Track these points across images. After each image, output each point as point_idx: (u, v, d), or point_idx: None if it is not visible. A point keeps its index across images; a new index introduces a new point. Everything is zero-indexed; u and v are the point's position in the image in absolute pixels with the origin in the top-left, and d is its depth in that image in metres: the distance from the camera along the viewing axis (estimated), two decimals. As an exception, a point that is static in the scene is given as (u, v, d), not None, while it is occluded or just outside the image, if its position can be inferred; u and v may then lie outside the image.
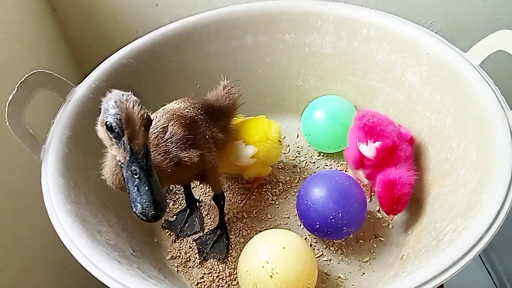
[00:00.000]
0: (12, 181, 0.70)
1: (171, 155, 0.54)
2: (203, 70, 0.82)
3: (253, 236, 0.64)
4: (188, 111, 0.61)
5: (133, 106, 0.43)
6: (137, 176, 0.41)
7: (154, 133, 0.55)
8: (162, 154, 0.54)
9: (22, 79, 0.58)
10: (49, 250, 0.80)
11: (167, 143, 0.55)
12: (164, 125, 0.56)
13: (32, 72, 0.60)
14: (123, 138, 0.43)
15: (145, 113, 0.44)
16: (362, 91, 0.80)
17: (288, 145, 0.86)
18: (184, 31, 0.78)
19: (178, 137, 0.56)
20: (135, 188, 0.41)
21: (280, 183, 0.80)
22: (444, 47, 0.66)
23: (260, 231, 0.73)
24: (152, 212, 0.41)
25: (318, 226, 0.64)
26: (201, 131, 0.61)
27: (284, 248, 0.58)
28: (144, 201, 0.41)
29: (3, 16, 0.73)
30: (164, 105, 0.63)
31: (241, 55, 0.83)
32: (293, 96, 0.87)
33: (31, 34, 0.83)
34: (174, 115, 0.58)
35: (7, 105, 0.55)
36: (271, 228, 0.73)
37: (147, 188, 0.41)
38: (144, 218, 0.42)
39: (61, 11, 0.94)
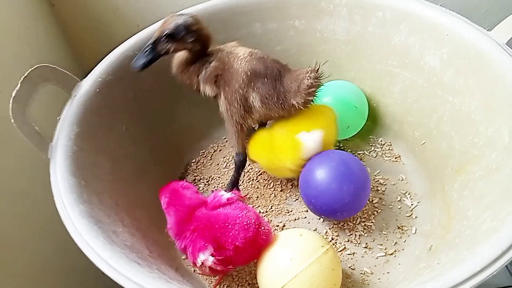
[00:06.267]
0: (17, 181, 0.67)
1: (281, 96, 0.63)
2: (211, 61, 0.78)
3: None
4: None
5: (172, 22, 0.60)
6: (147, 48, 0.60)
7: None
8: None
9: (26, 74, 0.55)
10: (57, 254, 0.77)
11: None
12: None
13: (35, 66, 0.57)
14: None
15: (174, 24, 0.60)
16: (378, 77, 0.77)
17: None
18: (190, 21, 0.74)
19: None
20: (143, 51, 0.60)
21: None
22: (466, 27, 0.63)
23: (278, 226, 0.71)
24: (134, 67, 0.60)
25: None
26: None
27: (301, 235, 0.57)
28: (139, 58, 0.60)
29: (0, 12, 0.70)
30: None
31: (249, 44, 0.79)
32: (305, 85, 0.83)
33: (29, 30, 0.79)
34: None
35: (11, 101, 0.52)
36: (290, 221, 0.71)
37: (147, 57, 0.60)
38: (131, 67, 0.60)
39: (59, 6, 0.90)
